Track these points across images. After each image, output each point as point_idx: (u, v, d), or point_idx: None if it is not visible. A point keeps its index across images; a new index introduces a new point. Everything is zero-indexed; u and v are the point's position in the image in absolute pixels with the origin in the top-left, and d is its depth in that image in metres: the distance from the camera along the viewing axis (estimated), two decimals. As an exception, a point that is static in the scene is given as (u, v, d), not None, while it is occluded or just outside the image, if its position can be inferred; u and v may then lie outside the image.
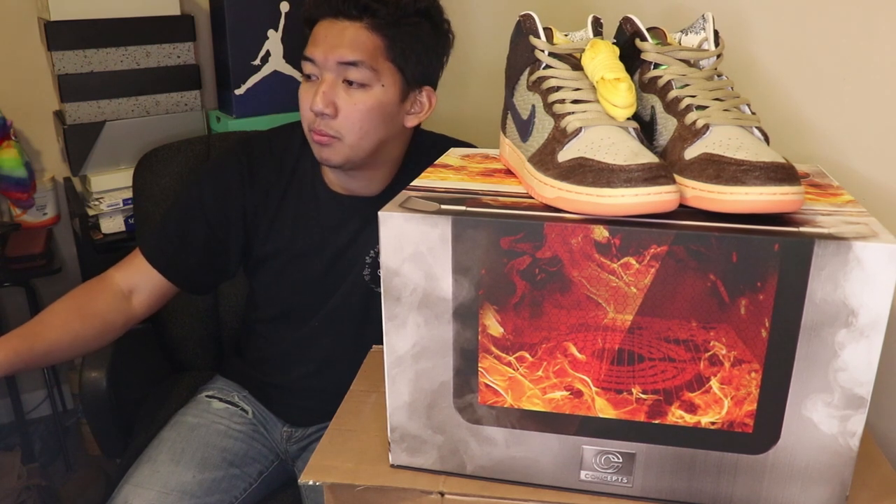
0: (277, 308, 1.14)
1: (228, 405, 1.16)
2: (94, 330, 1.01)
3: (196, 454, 1.07)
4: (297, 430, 1.16)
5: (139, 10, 1.58)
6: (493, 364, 0.62)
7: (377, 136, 0.98)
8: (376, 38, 0.94)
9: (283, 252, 1.07)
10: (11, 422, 1.83)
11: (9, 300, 1.80)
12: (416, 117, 1.02)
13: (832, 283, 0.54)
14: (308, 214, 1.06)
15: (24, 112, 1.71)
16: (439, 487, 0.65)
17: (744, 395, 0.58)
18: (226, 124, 1.70)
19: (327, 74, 0.95)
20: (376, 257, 1.05)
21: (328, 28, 0.95)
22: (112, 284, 1.04)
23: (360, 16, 0.94)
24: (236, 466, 1.10)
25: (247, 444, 1.13)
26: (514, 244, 0.58)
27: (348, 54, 0.93)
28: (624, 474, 0.63)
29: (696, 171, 0.58)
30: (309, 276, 1.08)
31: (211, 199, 1.05)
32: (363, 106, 0.95)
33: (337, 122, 0.96)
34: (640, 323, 0.58)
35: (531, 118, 0.67)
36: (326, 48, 0.94)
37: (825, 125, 0.88)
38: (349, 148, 0.97)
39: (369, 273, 1.06)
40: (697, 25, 0.69)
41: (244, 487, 1.10)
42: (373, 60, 0.94)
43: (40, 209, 1.73)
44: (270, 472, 1.15)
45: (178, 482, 1.03)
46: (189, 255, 1.06)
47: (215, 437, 1.11)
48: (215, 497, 1.05)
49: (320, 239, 1.06)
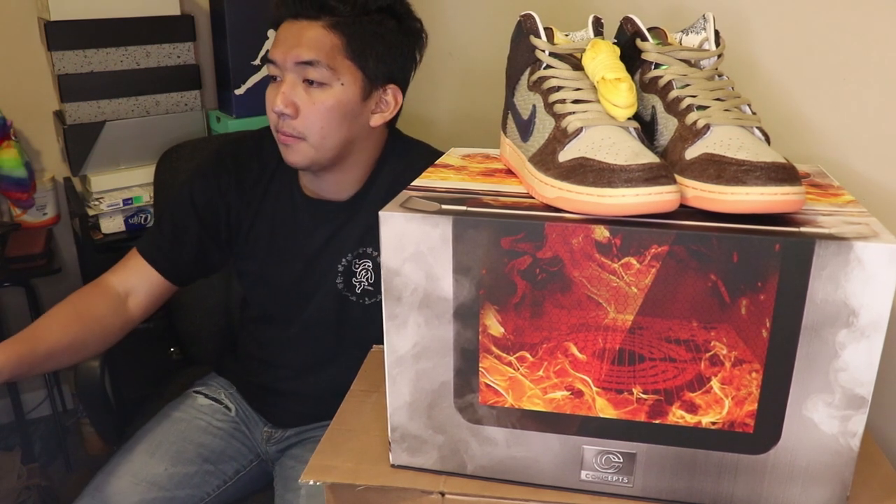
0: (260, 310, 1.15)
1: (213, 402, 1.18)
2: (94, 334, 1.01)
3: (171, 448, 1.09)
4: (276, 430, 1.16)
5: (139, 10, 1.58)
6: (493, 364, 0.62)
7: (340, 135, 0.97)
8: (334, 36, 0.94)
9: (261, 254, 1.08)
10: (11, 422, 1.83)
11: (9, 300, 1.80)
12: (381, 116, 1.01)
13: (833, 283, 0.54)
14: (285, 219, 1.07)
15: (24, 112, 1.71)
16: (440, 487, 0.65)
17: (744, 395, 0.58)
18: (226, 124, 1.70)
19: (288, 75, 0.96)
20: (348, 265, 1.05)
21: (289, 29, 0.96)
22: (108, 288, 1.04)
23: (319, 15, 0.95)
24: (211, 463, 1.11)
25: (225, 442, 1.14)
26: (514, 244, 0.58)
27: (305, 53, 0.93)
28: (624, 474, 0.63)
29: (697, 172, 0.58)
30: (285, 281, 1.08)
31: (200, 197, 1.07)
32: (322, 105, 0.95)
33: (298, 122, 0.96)
34: (641, 323, 0.58)
35: (532, 118, 0.67)
36: (285, 48, 0.95)
37: (826, 125, 0.88)
38: (313, 148, 0.97)
39: (342, 281, 1.05)
40: (698, 25, 0.69)
41: (217, 485, 1.11)
42: (330, 59, 0.94)
43: (40, 209, 1.73)
44: (249, 471, 1.15)
45: (150, 473, 1.05)
46: (183, 250, 1.07)
47: (194, 432, 1.12)
48: (185, 491, 1.06)
49: (294, 244, 1.06)
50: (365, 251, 1.04)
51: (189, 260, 1.08)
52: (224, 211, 1.07)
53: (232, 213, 1.07)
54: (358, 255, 1.04)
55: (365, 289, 1.05)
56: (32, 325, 0.97)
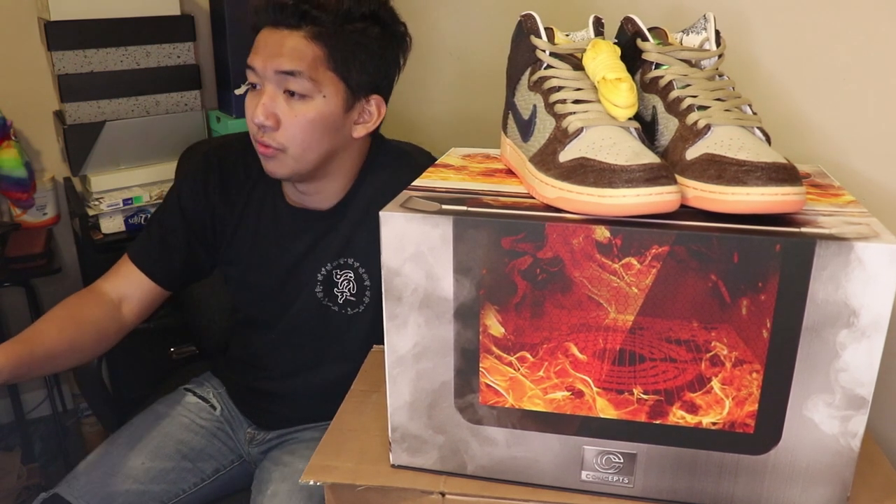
0: (245, 313, 1.15)
1: (200, 400, 1.19)
2: (90, 337, 1.01)
3: (151, 442, 1.10)
4: (259, 432, 1.17)
5: (139, 10, 1.58)
6: (493, 364, 0.62)
7: (322, 147, 0.95)
8: (316, 47, 0.91)
9: (243, 260, 1.08)
10: (11, 422, 1.83)
11: (9, 300, 1.80)
12: (363, 127, 0.99)
13: (833, 283, 0.54)
14: (267, 226, 1.06)
15: (24, 112, 1.71)
16: (440, 487, 0.65)
17: (745, 395, 0.58)
18: (226, 124, 1.70)
19: (268, 85, 0.93)
20: (328, 274, 1.04)
21: (269, 36, 0.93)
22: (102, 294, 1.05)
23: (300, 24, 0.91)
24: (189, 460, 1.11)
25: (206, 441, 1.14)
26: (515, 244, 0.58)
27: (286, 64, 0.91)
28: (625, 475, 0.63)
29: (698, 172, 0.58)
30: (265, 287, 1.08)
31: (187, 202, 1.07)
32: (304, 118, 0.93)
33: (279, 134, 0.93)
34: (642, 323, 0.58)
35: (532, 118, 0.67)
36: (266, 57, 0.92)
37: (826, 125, 0.88)
38: (294, 160, 0.95)
39: (322, 290, 1.04)
40: (699, 25, 0.68)
41: (194, 482, 1.11)
42: (312, 71, 0.91)
43: (40, 209, 1.73)
44: (229, 471, 1.16)
45: (126, 466, 1.06)
46: (172, 255, 1.07)
47: (176, 428, 1.13)
48: (160, 486, 1.07)
49: (275, 252, 1.06)
50: (346, 262, 1.03)
51: (179, 265, 1.08)
52: (210, 215, 1.07)
53: (217, 218, 1.07)
54: (338, 265, 1.03)
55: (347, 299, 1.04)
56: (30, 327, 0.97)
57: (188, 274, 1.11)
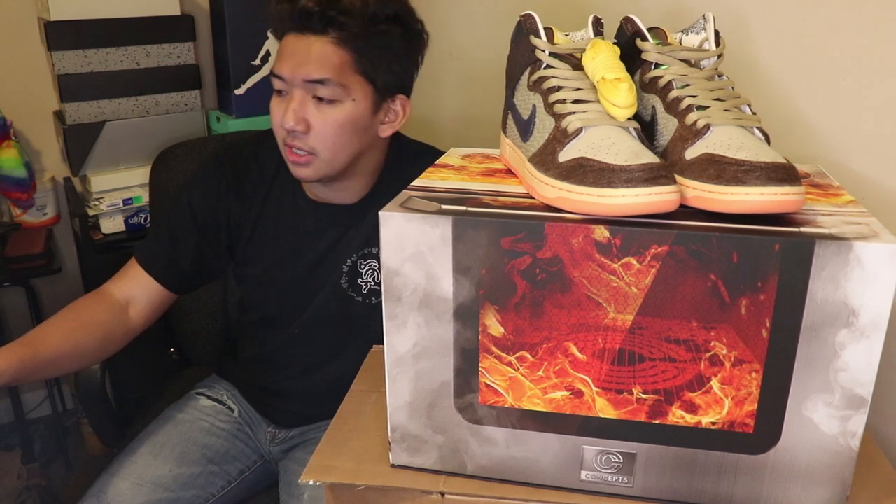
0: (261, 312, 1.15)
1: (216, 403, 1.18)
2: (96, 340, 1.00)
3: (175, 449, 1.09)
4: (280, 431, 1.17)
5: (139, 10, 1.58)
6: (493, 364, 0.62)
7: (352, 149, 0.97)
8: (343, 52, 0.91)
9: (264, 258, 1.08)
10: (11, 422, 1.83)
11: (9, 300, 1.80)
12: (390, 126, 1.00)
13: (833, 283, 0.54)
14: (287, 221, 1.06)
15: (24, 112, 1.71)
16: (440, 487, 0.65)
17: (744, 395, 0.58)
18: (226, 124, 1.70)
19: (296, 91, 0.93)
20: (353, 265, 1.04)
21: (295, 43, 0.93)
22: (109, 297, 1.04)
23: (326, 29, 0.91)
24: (215, 464, 1.11)
25: (229, 443, 1.14)
26: (514, 244, 0.58)
27: (315, 72, 0.91)
28: (624, 474, 0.63)
29: (697, 172, 0.58)
30: (288, 282, 1.08)
31: (198, 204, 1.06)
32: (335, 122, 0.93)
33: (310, 139, 0.94)
34: (641, 323, 0.58)
35: (532, 118, 0.67)
36: (293, 65, 0.92)
37: (826, 125, 0.88)
38: (325, 163, 0.96)
39: (346, 281, 1.05)
40: (698, 25, 0.69)
41: (222, 485, 1.11)
42: (340, 76, 0.92)
43: (40, 209, 1.73)
44: (253, 472, 1.15)
45: (154, 475, 1.04)
46: (181, 259, 1.07)
47: (198, 433, 1.12)
48: (190, 492, 1.06)
49: (299, 246, 1.06)
50: (371, 251, 1.04)
51: (187, 269, 1.07)
52: (224, 217, 1.06)
53: (232, 220, 1.07)
54: (363, 255, 1.04)
55: (371, 288, 1.05)
56: (34, 329, 0.96)
57: (197, 277, 1.10)
